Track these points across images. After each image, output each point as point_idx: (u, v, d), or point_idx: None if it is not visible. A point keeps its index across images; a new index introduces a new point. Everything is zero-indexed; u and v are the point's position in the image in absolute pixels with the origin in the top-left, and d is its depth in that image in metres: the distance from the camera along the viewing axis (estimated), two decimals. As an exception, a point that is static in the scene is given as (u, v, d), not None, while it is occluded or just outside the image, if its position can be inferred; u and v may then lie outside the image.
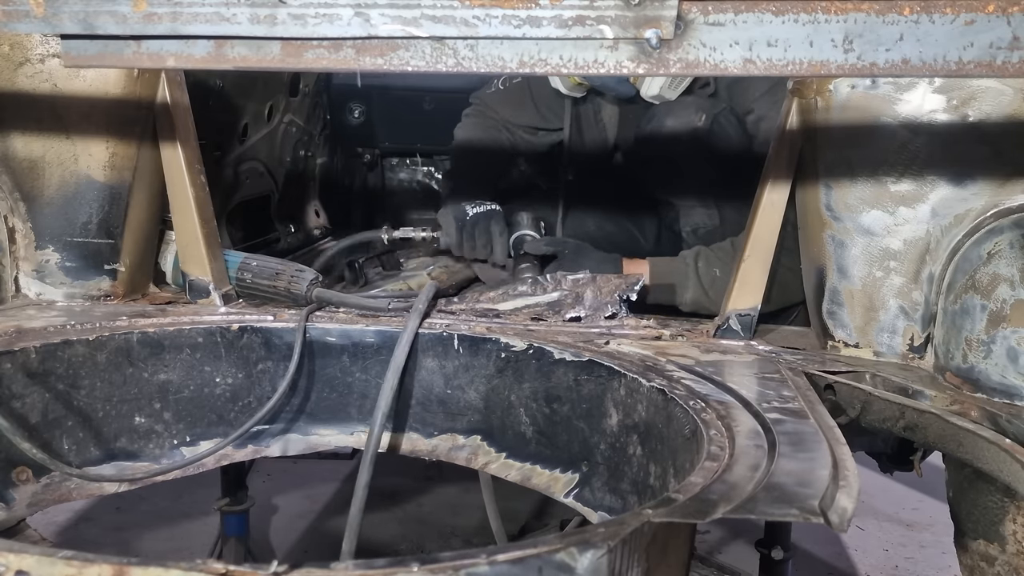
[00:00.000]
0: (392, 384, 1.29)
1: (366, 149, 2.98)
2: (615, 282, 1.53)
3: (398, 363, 1.31)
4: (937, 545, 3.21)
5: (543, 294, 1.54)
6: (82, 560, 0.62)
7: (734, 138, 1.88)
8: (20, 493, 1.19)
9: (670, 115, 1.90)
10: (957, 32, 0.91)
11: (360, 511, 1.07)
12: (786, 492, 0.80)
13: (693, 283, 1.78)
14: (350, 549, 1.02)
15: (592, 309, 1.50)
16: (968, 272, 1.21)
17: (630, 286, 1.52)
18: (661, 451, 1.14)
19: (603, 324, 1.48)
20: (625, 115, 2.17)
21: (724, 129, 1.86)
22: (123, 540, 3.05)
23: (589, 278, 1.54)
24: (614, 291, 1.51)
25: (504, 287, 1.57)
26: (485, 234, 1.97)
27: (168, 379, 1.36)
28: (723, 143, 1.86)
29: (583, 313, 1.50)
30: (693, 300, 1.79)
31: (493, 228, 1.96)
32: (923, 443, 1.18)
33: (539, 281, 1.55)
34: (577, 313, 1.50)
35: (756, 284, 1.42)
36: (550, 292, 1.53)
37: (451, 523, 3.26)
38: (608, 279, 1.54)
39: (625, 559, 0.71)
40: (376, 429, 1.25)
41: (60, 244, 1.50)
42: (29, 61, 1.42)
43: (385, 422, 1.28)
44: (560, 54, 0.95)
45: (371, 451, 1.23)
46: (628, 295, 1.51)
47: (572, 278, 1.54)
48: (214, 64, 1.00)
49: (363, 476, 1.15)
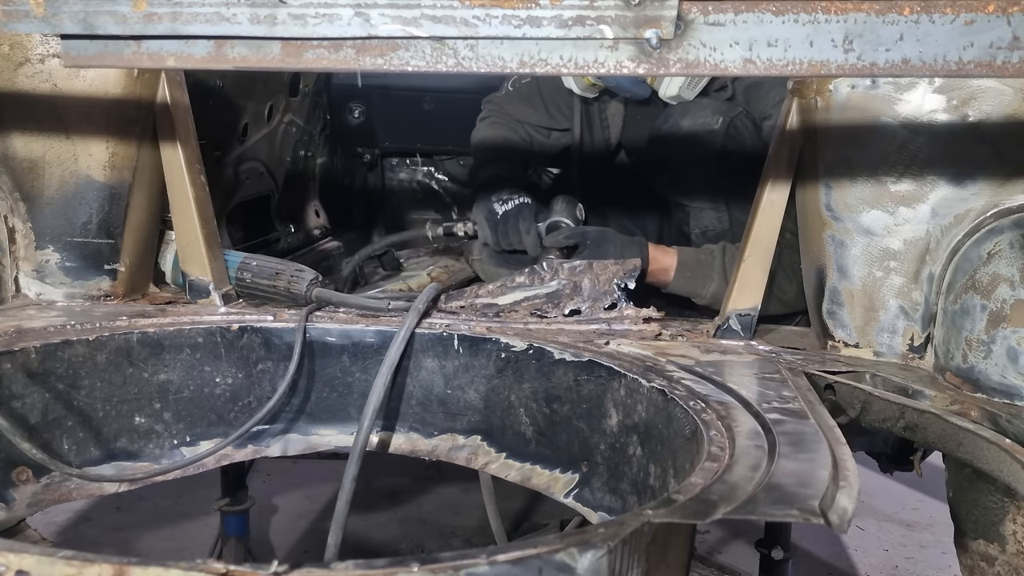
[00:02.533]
0: (385, 379, 1.28)
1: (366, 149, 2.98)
2: (612, 269, 1.51)
3: (392, 359, 1.31)
4: (937, 545, 3.21)
5: (541, 285, 1.53)
6: (82, 560, 0.62)
7: (748, 143, 1.88)
8: (20, 493, 1.19)
9: (686, 116, 1.90)
10: (957, 32, 0.91)
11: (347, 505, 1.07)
12: (786, 492, 0.80)
13: (718, 276, 1.78)
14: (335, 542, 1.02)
15: (591, 299, 1.49)
16: (968, 272, 1.21)
17: (628, 273, 1.51)
18: (661, 451, 1.14)
19: (603, 316, 1.47)
20: (631, 115, 2.17)
21: (740, 133, 1.87)
22: (123, 540, 3.05)
23: (586, 265, 1.52)
24: (612, 279, 1.50)
25: (503, 280, 1.56)
26: (516, 230, 1.98)
27: (168, 379, 1.36)
28: (737, 147, 1.86)
29: (583, 305, 1.49)
30: (714, 294, 1.80)
31: (522, 224, 1.97)
32: (923, 443, 1.18)
33: (536, 271, 1.54)
34: (576, 305, 1.49)
35: (756, 284, 1.42)
36: (548, 282, 1.52)
37: (451, 523, 3.26)
38: (605, 266, 1.52)
39: (625, 559, 0.71)
40: (366, 424, 1.24)
41: (60, 244, 1.50)
42: (29, 61, 1.42)
43: (376, 418, 1.27)
44: (560, 54, 0.95)
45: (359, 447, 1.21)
46: (626, 283, 1.50)
47: (568, 266, 1.53)
48: (214, 64, 1.00)
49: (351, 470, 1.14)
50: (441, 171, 3.05)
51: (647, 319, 1.46)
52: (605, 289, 1.50)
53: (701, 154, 1.88)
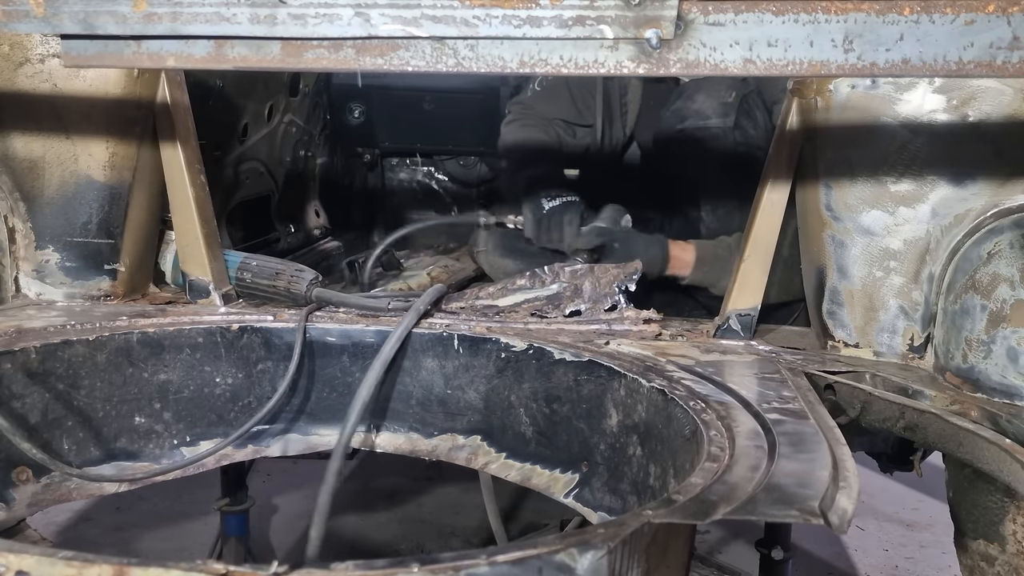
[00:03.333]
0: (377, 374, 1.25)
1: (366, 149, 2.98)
2: (613, 272, 1.52)
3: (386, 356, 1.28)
4: (937, 545, 3.21)
5: (542, 287, 1.53)
6: (82, 560, 0.62)
7: (760, 120, 1.93)
8: (20, 493, 1.19)
9: (701, 90, 1.95)
10: (957, 32, 0.91)
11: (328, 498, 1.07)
12: (786, 493, 0.80)
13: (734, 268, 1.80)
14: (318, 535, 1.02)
15: (592, 301, 1.50)
16: (968, 272, 1.21)
17: (628, 276, 1.52)
18: (661, 451, 1.14)
19: (603, 317, 1.48)
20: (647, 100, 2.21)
21: (752, 109, 1.93)
22: (123, 540, 3.05)
23: (587, 269, 1.53)
24: (612, 282, 1.50)
25: (504, 282, 1.56)
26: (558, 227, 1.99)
27: (168, 379, 1.36)
28: (751, 122, 1.91)
29: (583, 306, 1.49)
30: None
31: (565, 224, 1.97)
32: (923, 443, 1.18)
33: (537, 274, 1.55)
34: (577, 307, 1.49)
35: (756, 284, 1.42)
36: (549, 285, 1.53)
37: (451, 523, 3.26)
38: (606, 269, 1.53)
39: (625, 560, 0.71)
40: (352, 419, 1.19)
41: (60, 244, 1.50)
42: (29, 61, 1.42)
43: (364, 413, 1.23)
44: (560, 54, 0.95)
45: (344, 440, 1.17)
46: (627, 285, 1.51)
47: (570, 270, 1.54)
48: (214, 64, 1.00)
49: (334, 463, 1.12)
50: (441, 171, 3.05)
51: (647, 320, 1.47)
52: (606, 291, 1.50)
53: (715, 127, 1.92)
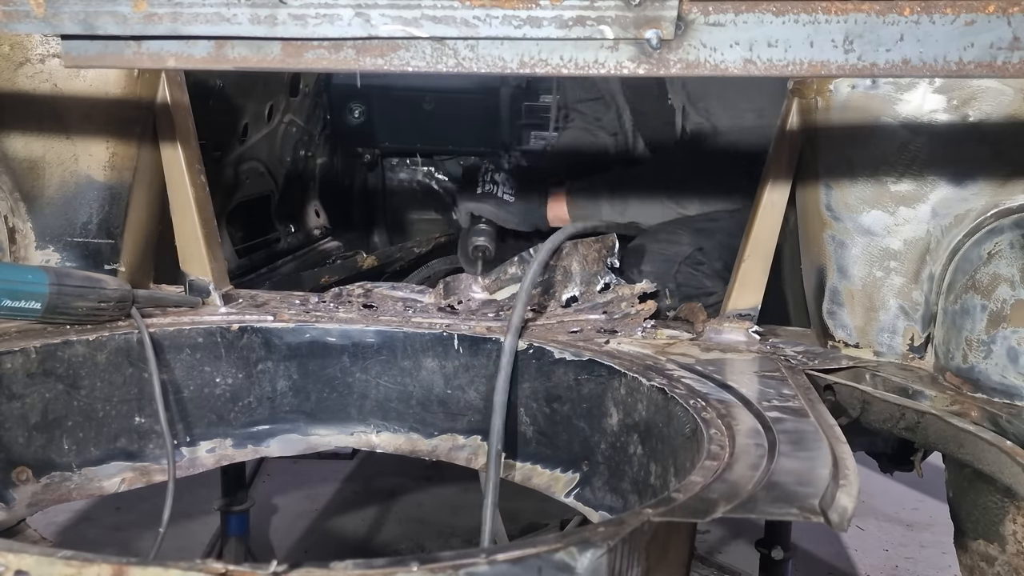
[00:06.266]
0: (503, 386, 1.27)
1: (366, 149, 2.98)
2: (596, 247, 1.51)
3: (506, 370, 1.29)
4: (937, 545, 3.21)
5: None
6: (82, 560, 0.62)
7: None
8: (20, 493, 1.19)
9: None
10: (957, 32, 0.91)
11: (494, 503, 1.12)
12: (786, 491, 0.80)
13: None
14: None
15: (584, 283, 1.48)
16: (968, 272, 1.21)
17: (609, 249, 1.51)
18: (661, 450, 1.14)
19: (600, 301, 1.46)
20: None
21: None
22: (123, 540, 3.04)
23: (571, 246, 1.51)
24: (598, 257, 1.50)
25: (495, 272, 1.55)
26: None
27: (168, 379, 1.36)
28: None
29: (577, 291, 1.48)
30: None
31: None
32: (923, 443, 1.18)
33: (524, 259, 1.53)
34: (572, 292, 1.48)
35: (756, 284, 1.42)
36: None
37: (451, 523, 3.26)
38: (588, 244, 1.51)
39: (625, 558, 0.71)
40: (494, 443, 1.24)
41: (60, 244, 1.50)
42: (29, 61, 1.42)
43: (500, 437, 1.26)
44: (560, 54, 0.95)
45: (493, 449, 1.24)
46: (611, 261, 1.50)
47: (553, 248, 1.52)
48: (214, 64, 1.00)
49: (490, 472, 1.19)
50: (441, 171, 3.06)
51: (642, 297, 1.46)
52: (595, 269, 1.49)
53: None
